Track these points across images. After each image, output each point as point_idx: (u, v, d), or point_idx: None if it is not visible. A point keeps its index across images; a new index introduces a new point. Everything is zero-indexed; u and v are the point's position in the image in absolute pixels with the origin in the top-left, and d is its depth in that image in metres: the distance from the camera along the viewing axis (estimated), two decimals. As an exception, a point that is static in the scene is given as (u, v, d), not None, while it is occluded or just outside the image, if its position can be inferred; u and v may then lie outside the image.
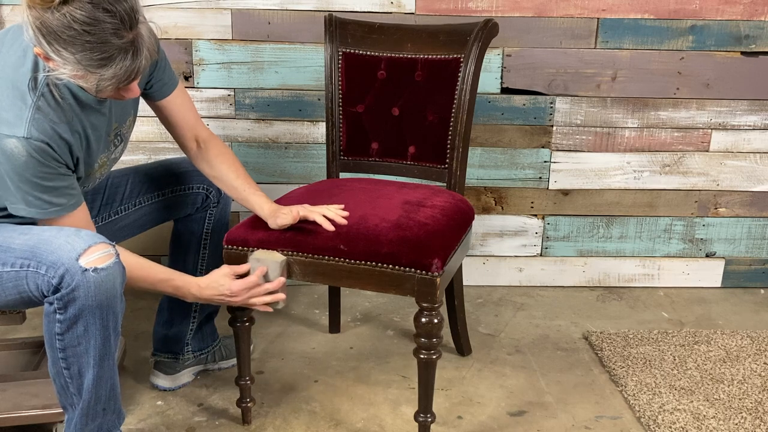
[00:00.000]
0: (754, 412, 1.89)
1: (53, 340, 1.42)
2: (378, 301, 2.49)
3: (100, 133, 1.54)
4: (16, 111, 1.37)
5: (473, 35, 1.90)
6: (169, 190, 1.87)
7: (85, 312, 1.38)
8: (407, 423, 1.84)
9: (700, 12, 2.37)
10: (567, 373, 2.08)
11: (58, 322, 1.39)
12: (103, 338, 1.43)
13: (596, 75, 2.43)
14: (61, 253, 1.36)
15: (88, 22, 1.25)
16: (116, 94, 1.41)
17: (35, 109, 1.38)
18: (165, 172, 1.87)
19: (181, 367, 1.97)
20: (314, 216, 1.63)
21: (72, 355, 1.43)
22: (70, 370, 1.44)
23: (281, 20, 2.34)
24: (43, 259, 1.38)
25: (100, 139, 1.55)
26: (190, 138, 1.75)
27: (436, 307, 1.58)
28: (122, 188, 1.82)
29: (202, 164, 1.77)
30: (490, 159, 2.49)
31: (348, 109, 2.06)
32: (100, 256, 1.37)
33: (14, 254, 1.41)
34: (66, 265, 1.35)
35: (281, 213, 1.64)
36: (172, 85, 1.69)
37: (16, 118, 1.37)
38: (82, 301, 1.37)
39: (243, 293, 1.60)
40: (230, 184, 1.74)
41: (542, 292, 2.60)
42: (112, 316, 1.42)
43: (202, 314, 1.97)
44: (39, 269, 1.38)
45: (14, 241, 1.43)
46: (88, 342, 1.42)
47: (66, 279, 1.35)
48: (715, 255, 2.63)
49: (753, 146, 2.52)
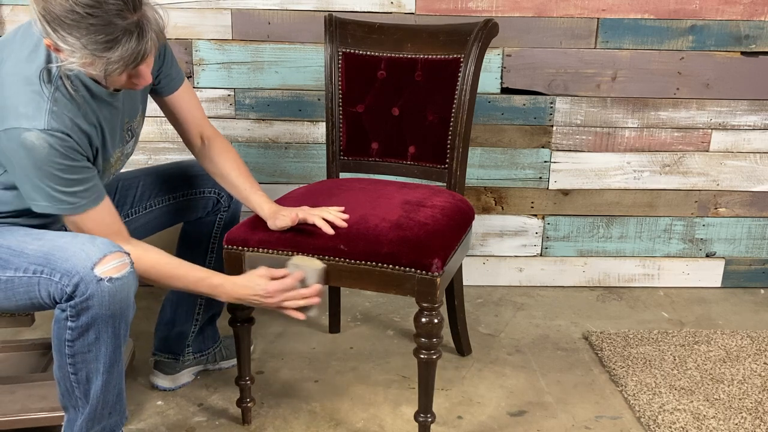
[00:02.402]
0: (754, 412, 1.89)
1: (62, 346, 1.41)
2: (378, 301, 2.49)
3: (114, 126, 1.53)
4: (34, 105, 1.35)
5: (473, 35, 1.91)
6: (181, 193, 1.86)
7: (98, 321, 1.37)
8: (407, 423, 1.84)
9: (700, 12, 2.37)
10: (567, 373, 2.09)
11: (69, 329, 1.38)
12: (114, 347, 1.42)
13: (596, 75, 2.43)
14: (76, 261, 1.35)
15: (91, 4, 1.25)
16: (128, 83, 1.40)
17: (53, 101, 1.37)
18: (176, 175, 1.86)
19: (180, 367, 1.97)
20: (313, 219, 1.63)
21: (81, 361, 1.42)
22: (78, 375, 1.44)
23: (281, 20, 2.34)
24: (57, 266, 1.36)
25: (115, 133, 1.54)
26: (195, 135, 1.75)
27: (436, 307, 1.58)
28: (133, 191, 1.81)
29: (206, 162, 1.76)
30: (490, 159, 2.49)
31: (348, 109, 2.06)
32: (115, 266, 1.36)
33: (27, 260, 1.39)
34: (81, 273, 1.34)
35: (281, 215, 1.64)
36: (179, 80, 1.69)
37: (35, 111, 1.35)
38: (96, 310, 1.35)
39: (278, 295, 1.56)
40: (232, 183, 1.74)
41: (542, 292, 2.60)
42: (124, 324, 1.41)
43: (206, 316, 1.97)
44: (53, 276, 1.36)
45: (28, 246, 1.41)
46: (99, 350, 1.41)
47: (80, 288, 1.34)
48: (715, 255, 2.63)
49: (753, 146, 2.52)
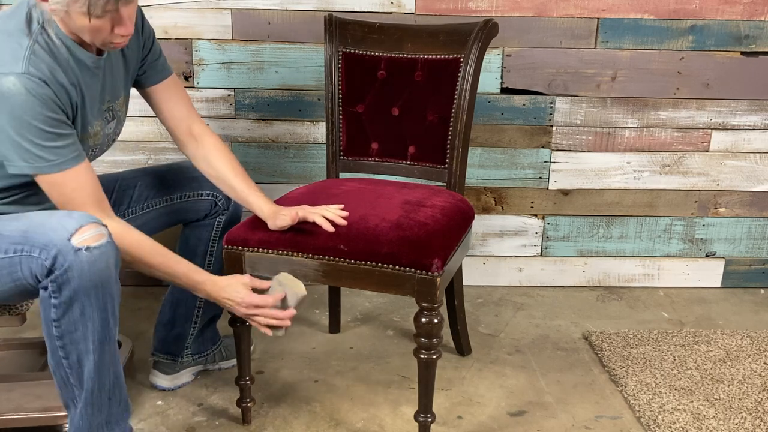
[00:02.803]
0: (754, 412, 1.89)
1: (50, 328, 1.40)
2: (378, 301, 2.49)
3: (94, 95, 1.53)
4: (11, 52, 1.36)
5: (473, 35, 1.90)
6: (178, 195, 1.85)
7: (80, 293, 1.36)
8: (407, 423, 1.84)
9: (700, 12, 2.37)
10: (567, 373, 2.08)
11: (53, 307, 1.37)
12: (102, 321, 1.40)
13: (596, 75, 2.43)
14: (53, 234, 1.35)
15: None
16: (110, 35, 1.40)
17: (31, 51, 1.38)
18: (174, 176, 1.86)
19: (179, 367, 1.97)
20: (314, 217, 1.63)
21: (70, 342, 1.40)
22: (69, 359, 1.42)
23: (281, 20, 2.34)
24: (35, 241, 1.36)
25: (94, 103, 1.54)
26: (184, 131, 1.73)
27: (436, 307, 1.58)
28: (131, 191, 1.81)
29: (200, 163, 1.76)
30: (490, 159, 2.49)
31: (348, 109, 2.06)
32: (92, 235, 1.35)
33: (8, 240, 1.39)
34: (58, 245, 1.33)
35: (281, 214, 1.64)
36: (165, 73, 1.70)
37: (12, 58, 1.36)
38: (77, 282, 1.34)
39: (252, 309, 1.57)
40: (229, 184, 1.73)
41: (542, 292, 2.60)
42: (109, 298, 1.39)
43: (205, 318, 1.96)
44: (32, 252, 1.36)
45: (6, 228, 1.41)
46: (86, 326, 1.39)
47: (59, 260, 1.33)
48: (715, 255, 2.63)
49: (753, 146, 2.52)
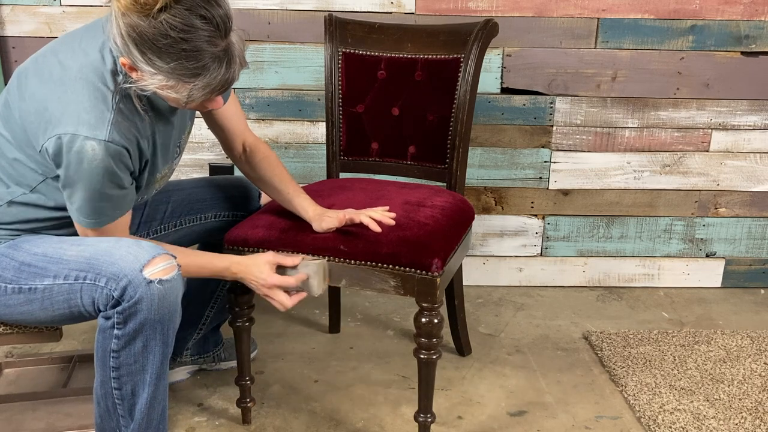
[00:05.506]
0: (754, 412, 1.89)
1: (107, 358, 1.35)
2: (378, 301, 2.49)
3: (167, 142, 1.49)
4: (97, 113, 1.30)
5: (473, 35, 1.90)
6: (213, 214, 1.82)
7: (146, 327, 1.32)
8: (407, 423, 1.84)
9: (700, 12, 2.37)
10: (567, 373, 2.08)
11: (115, 338, 1.33)
12: (162, 356, 1.37)
13: (596, 75, 2.43)
14: (124, 264, 1.30)
15: (185, 29, 1.20)
16: (200, 106, 1.36)
17: (116, 112, 1.32)
18: (207, 195, 1.82)
19: (176, 365, 1.97)
20: (361, 218, 1.58)
21: (126, 374, 1.36)
22: (122, 390, 1.38)
23: (281, 20, 2.34)
24: (102, 270, 1.31)
25: (167, 149, 1.51)
26: (238, 144, 1.71)
27: (436, 307, 1.58)
28: (163, 207, 1.76)
29: (245, 167, 1.73)
30: (490, 159, 2.49)
31: (348, 109, 2.06)
32: (164, 268, 1.32)
33: (68, 266, 1.34)
34: (129, 276, 1.29)
35: (326, 216, 1.60)
36: (227, 94, 1.64)
37: (98, 121, 1.30)
38: (145, 314, 1.31)
39: (273, 289, 1.53)
40: (275, 187, 1.70)
41: (542, 292, 2.60)
42: (172, 331, 1.36)
43: (211, 326, 1.95)
44: (98, 281, 1.31)
45: (66, 252, 1.36)
46: (146, 359, 1.36)
47: (129, 291, 1.29)
48: (715, 255, 2.63)
49: (753, 146, 2.52)
